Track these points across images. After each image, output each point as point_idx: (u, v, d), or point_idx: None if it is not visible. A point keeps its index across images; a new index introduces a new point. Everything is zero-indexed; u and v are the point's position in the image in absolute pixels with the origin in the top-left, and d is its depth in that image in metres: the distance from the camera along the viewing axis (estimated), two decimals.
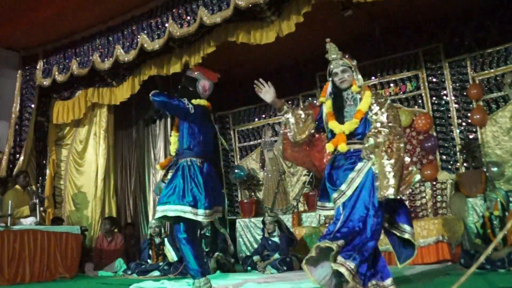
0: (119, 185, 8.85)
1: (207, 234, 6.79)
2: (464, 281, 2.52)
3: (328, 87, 3.71)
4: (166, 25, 6.68)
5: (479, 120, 6.86)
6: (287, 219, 7.42)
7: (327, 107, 3.63)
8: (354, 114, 3.49)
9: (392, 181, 3.20)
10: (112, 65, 7.34)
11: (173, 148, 4.24)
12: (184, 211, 3.80)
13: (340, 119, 3.52)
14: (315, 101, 3.73)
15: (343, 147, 3.41)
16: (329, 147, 3.53)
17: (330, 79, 3.68)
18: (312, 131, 3.68)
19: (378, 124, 3.36)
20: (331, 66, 3.64)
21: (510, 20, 6.80)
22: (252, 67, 8.55)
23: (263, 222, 6.75)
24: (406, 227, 3.43)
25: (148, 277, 6.39)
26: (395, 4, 6.46)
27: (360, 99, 3.54)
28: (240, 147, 9.44)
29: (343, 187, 3.35)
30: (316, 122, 3.68)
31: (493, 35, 7.01)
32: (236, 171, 8.80)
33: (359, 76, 3.57)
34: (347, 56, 3.63)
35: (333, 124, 3.52)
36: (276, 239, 6.47)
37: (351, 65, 3.59)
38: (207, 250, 6.63)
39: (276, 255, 6.23)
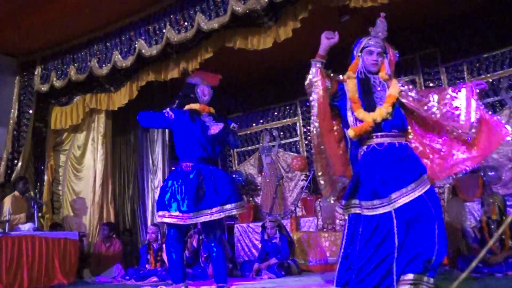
0: (117, 191, 8.82)
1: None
2: (459, 285, 2.52)
3: (359, 64, 3.39)
4: (164, 31, 6.69)
5: None
6: (285, 224, 7.42)
7: (351, 89, 3.33)
8: (385, 99, 3.23)
9: None
10: (110, 71, 7.34)
11: None
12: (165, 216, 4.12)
13: (369, 105, 3.24)
14: (339, 76, 3.46)
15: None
16: (351, 133, 3.22)
17: (360, 55, 3.41)
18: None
19: None
20: (370, 42, 3.41)
21: (507, 25, 6.83)
22: (249, 73, 8.58)
23: (263, 226, 6.75)
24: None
25: (146, 282, 6.38)
26: (391, 9, 6.47)
27: (388, 86, 3.33)
28: (238, 152, 9.46)
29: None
30: (334, 95, 3.33)
31: (490, 40, 7.03)
32: (234, 176, 8.81)
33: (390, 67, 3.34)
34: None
35: (360, 113, 3.23)
36: (276, 241, 6.48)
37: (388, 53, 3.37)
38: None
39: (273, 260, 6.24)
